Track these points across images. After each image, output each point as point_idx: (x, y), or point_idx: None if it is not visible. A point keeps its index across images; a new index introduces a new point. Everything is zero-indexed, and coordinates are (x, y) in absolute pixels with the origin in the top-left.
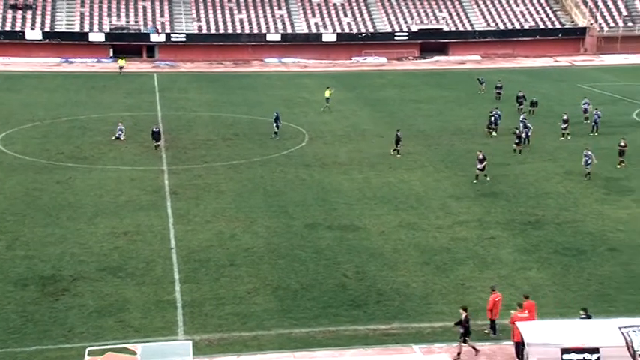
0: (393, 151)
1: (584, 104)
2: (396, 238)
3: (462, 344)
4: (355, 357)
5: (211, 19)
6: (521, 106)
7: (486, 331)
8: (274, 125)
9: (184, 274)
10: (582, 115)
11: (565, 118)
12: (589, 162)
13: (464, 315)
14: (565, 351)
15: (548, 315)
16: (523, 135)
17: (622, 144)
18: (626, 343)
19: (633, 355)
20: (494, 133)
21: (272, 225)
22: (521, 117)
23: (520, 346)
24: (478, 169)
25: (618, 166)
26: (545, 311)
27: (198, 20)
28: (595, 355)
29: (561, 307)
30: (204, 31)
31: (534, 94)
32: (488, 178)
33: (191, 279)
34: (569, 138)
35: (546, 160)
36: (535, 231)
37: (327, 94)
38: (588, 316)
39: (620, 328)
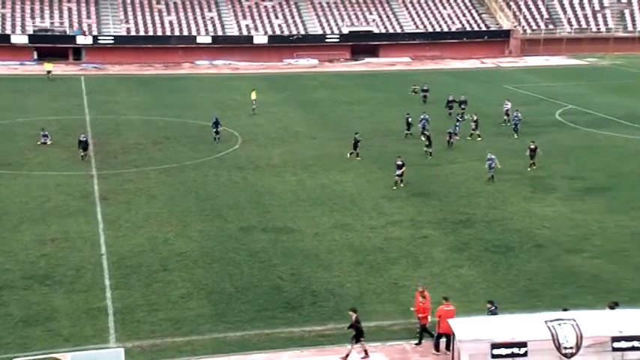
0: (350, 154)
1: (505, 106)
2: (330, 239)
3: (355, 346)
4: (291, 359)
5: (140, 21)
6: (451, 110)
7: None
8: (214, 131)
9: (115, 280)
10: (503, 116)
11: (475, 118)
12: (492, 165)
13: (354, 317)
14: (495, 346)
15: (479, 311)
16: (450, 135)
17: (532, 146)
18: (552, 336)
19: (558, 347)
20: (422, 137)
21: (205, 228)
22: (457, 117)
23: (444, 339)
24: (397, 175)
25: (529, 169)
26: (477, 308)
27: (127, 22)
28: (523, 349)
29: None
30: (133, 33)
31: (461, 94)
32: (402, 185)
33: (122, 285)
34: (478, 139)
35: (475, 159)
36: (466, 229)
37: (253, 96)
38: (495, 308)
39: (546, 322)
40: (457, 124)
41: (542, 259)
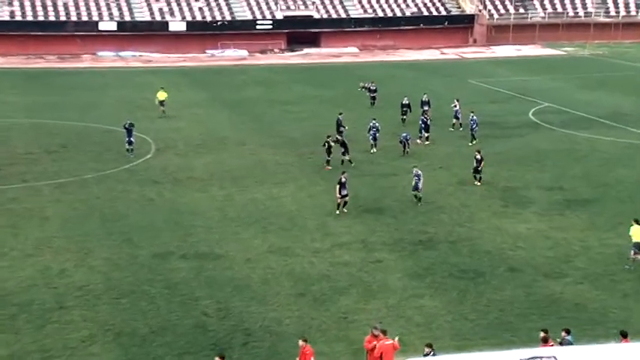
0: (328, 162)
1: (453, 107)
2: (264, 266)
3: None
4: None
5: (27, 3)
6: (404, 117)
7: None
8: (126, 141)
9: None
10: (453, 119)
11: (425, 119)
12: (419, 185)
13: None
14: None
15: (445, 349)
16: (405, 141)
17: (478, 156)
18: None
19: None
20: (374, 149)
21: (112, 256)
22: (421, 119)
23: None
24: (341, 196)
25: (478, 183)
26: (441, 345)
27: (10, 4)
28: None
29: (459, 339)
30: (19, 18)
31: (420, 91)
32: (345, 210)
33: (8, 328)
34: (427, 143)
35: (437, 168)
36: (427, 251)
37: (161, 96)
38: (433, 353)
39: None
40: (422, 126)
41: (517, 285)
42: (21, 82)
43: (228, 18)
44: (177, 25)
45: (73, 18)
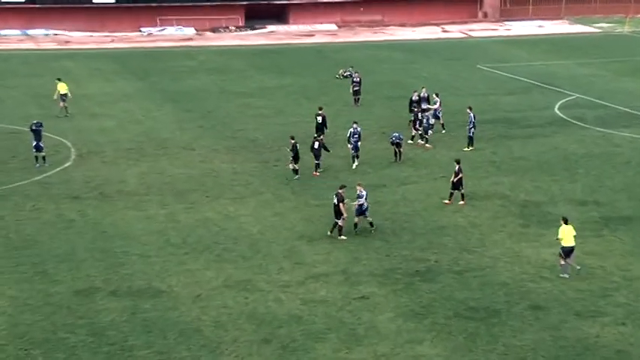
0: (295, 171)
1: (433, 103)
2: (219, 304)
3: None
4: None
5: None
6: (417, 119)
7: None
8: (34, 146)
9: None
10: (430, 119)
11: (470, 120)
12: (365, 208)
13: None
14: None
15: None
16: (397, 143)
17: (456, 168)
18: None
19: None
20: (355, 163)
21: (21, 294)
22: (430, 113)
23: None
24: (342, 218)
25: (461, 202)
26: None
27: None
28: None
29: None
30: None
31: (415, 79)
32: (343, 237)
33: None
34: (469, 149)
35: (438, 177)
36: (426, 284)
37: (62, 89)
38: None
39: None
40: (427, 125)
41: (542, 327)
42: None
43: None
44: None
45: None
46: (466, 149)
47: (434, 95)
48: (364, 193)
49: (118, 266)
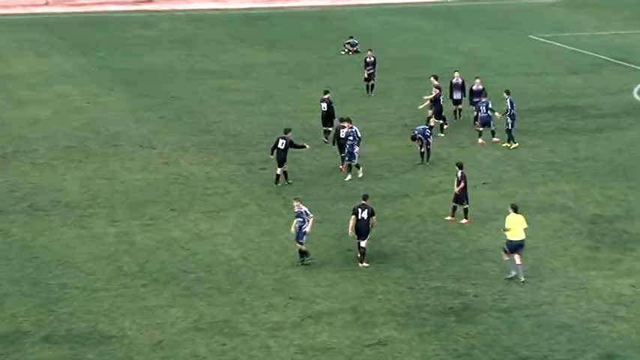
0: (278, 180)
1: (455, 80)
2: (188, 354)
3: None
4: None
5: None
6: (459, 106)
7: None
8: None
9: None
10: (453, 105)
11: (507, 108)
12: (303, 230)
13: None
14: None
15: None
16: (422, 139)
17: (459, 173)
18: None
19: None
20: (349, 176)
21: None
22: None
23: None
24: (360, 245)
25: (464, 220)
26: None
27: None
28: None
29: None
30: None
31: (446, 55)
32: (365, 264)
33: None
34: (512, 147)
35: (479, 184)
36: (463, 326)
37: None
38: None
39: None
40: (486, 117)
41: None
42: None
43: None
44: None
45: None
46: (507, 145)
47: (431, 79)
48: (303, 209)
49: (53, 303)
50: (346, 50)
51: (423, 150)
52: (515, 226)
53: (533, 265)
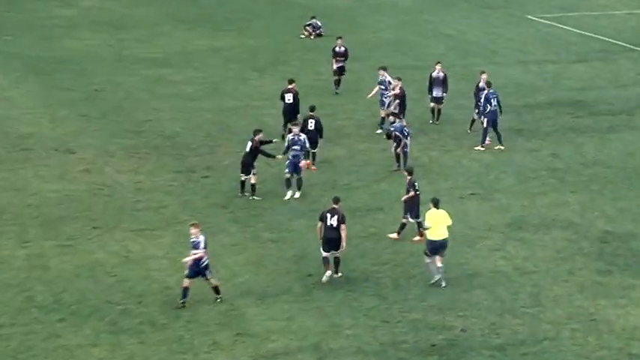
0: (243, 191)
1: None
2: None
3: None
4: None
5: None
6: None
7: None
8: None
9: None
10: (430, 103)
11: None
12: (204, 264)
13: None
14: None
15: None
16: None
17: (413, 189)
18: None
19: None
20: (289, 194)
21: None
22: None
23: None
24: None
25: (416, 238)
26: None
27: None
28: None
29: None
30: None
31: (432, 45)
32: (339, 274)
33: None
34: (500, 148)
35: (467, 194)
36: None
37: None
38: None
39: None
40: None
41: None
42: None
43: None
44: None
45: None
46: (479, 148)
47: (380, 70)
48: (201, 239)
49: None
50: (307, 34)
51: (398, 151)
52: (437, 224)
53: (531, 293)
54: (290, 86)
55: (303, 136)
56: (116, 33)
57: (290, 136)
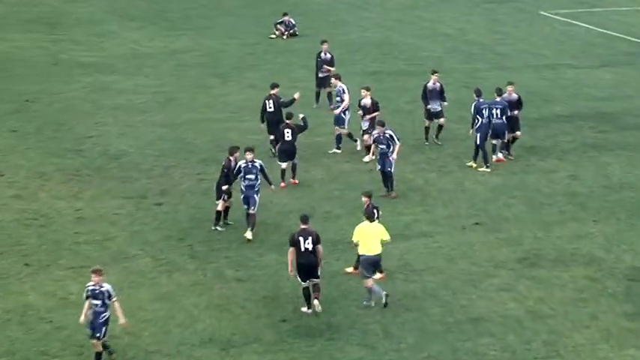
0: (218, 222)
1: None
2: None
3: None
4: None
5: None
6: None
7: None
8: None
9: None
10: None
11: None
12: (104, 317)
13: None
14: None
15: None
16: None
17: (365, 206)
18: None
19: None
20: (249, 233)
21: None
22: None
23: None
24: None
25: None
26: None
27: None
28: None
29: None
30: None
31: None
32: (317, 305)
33: None
34: (510, 157)
35: (470, 224)
36: None
37: None
38: None
39: None
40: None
41: None
42: None
43: None
44: None
45: None
46: (472, 164)
47: (334, 79)
48: (106, 288)
49: None
50: (279, 33)
51: (385, 172)
52: (368, 239)
53: (547, 341)
54: (272, 91)
55: (258, 162)
56: (52, 33)
57: (242, 163)
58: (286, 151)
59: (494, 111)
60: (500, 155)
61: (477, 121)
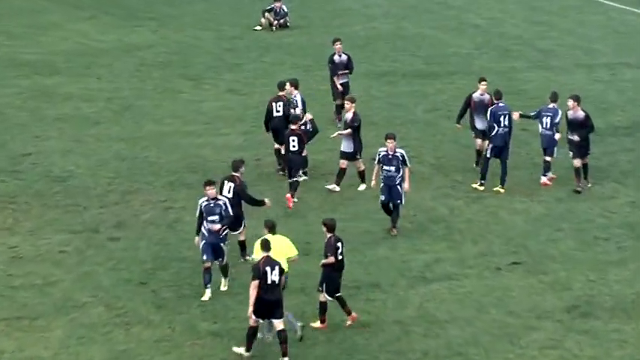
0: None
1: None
2: None
3: None
4: None
5: None
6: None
7: None
8: None
9: None
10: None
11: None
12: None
13: None
14: None
15: None
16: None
17: (326, 240)
18: None
19: None
20: (224, 284)
21: None
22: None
23: None
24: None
25: (349, 321)
26: None
27: None
28: None
29: None
30: None
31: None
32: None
33: None
34: (588, 186)
35: (505, 264)
36: None
37: None
38: None
39: None
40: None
41: None
42: None
43: None
44: None
45: None
46: (477, 186)
47: (288, 90)
48: (224, 201)
49: None
50: (266, 22)
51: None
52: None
53: None
54: (281, 93)
55: (222, 200)
56: None
57: (203, 201)
58: (293, 162)
59: (544, 119)
60: (544, 179)
61: (493, 129)
